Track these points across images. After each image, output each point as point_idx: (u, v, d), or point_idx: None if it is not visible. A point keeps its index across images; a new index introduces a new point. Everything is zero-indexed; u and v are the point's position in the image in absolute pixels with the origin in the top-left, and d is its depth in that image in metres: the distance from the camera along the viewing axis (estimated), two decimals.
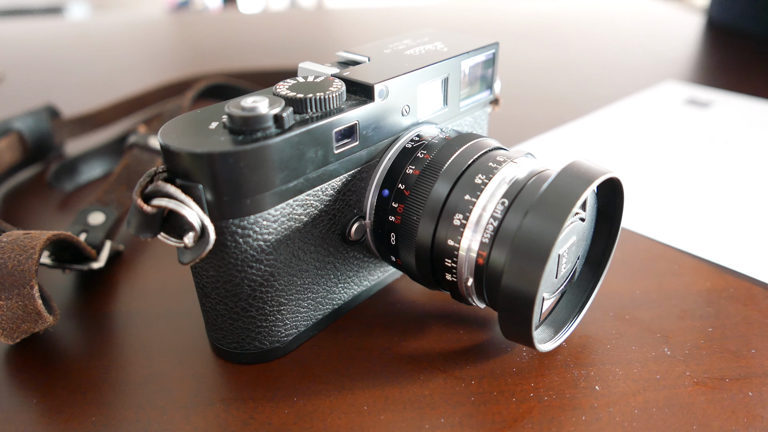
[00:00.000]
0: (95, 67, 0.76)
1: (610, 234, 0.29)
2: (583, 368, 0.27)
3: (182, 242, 0.23)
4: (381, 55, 0.29)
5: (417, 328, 0.30)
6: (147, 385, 0.27)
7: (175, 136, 0.23)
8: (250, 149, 0.22)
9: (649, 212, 0.40)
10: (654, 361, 0.28)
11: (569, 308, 0.29)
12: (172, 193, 0.22)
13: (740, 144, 0.49)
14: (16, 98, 0.63)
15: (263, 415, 0.25)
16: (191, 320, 0.30)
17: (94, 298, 0.33)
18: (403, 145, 0.28)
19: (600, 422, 0.25)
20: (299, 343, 0.29)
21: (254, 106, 0.23)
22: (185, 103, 0.51)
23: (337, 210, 0.27)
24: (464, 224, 0.25)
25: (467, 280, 0.26)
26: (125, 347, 0.29)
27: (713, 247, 0.36)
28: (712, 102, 0.58)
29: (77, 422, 0.25)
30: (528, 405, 0.25)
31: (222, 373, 0.27)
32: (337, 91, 0.25)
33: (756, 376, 0.27)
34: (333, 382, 0.27)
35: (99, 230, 0.35)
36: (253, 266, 0.25)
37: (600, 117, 0.55)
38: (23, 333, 0.27)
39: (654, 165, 0.46)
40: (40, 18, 1.63)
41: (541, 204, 0.23)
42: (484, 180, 0.26)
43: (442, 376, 0.27)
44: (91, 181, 0.46)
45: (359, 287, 0.31)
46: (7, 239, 0.27)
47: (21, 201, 0.44)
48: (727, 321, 0.30)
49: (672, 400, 0.26)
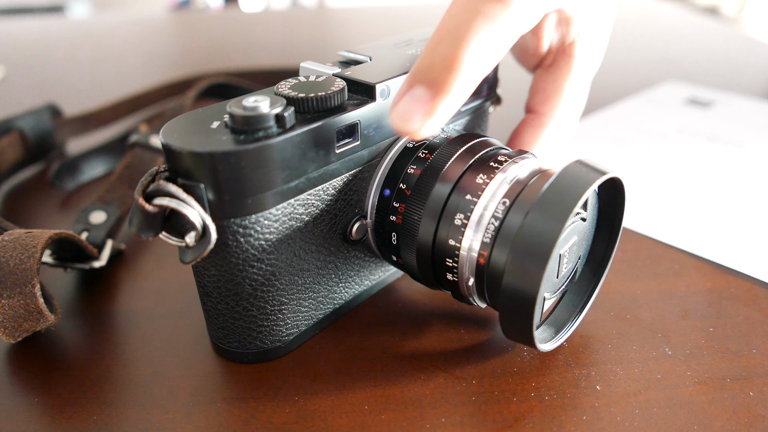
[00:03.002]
0: (97, 66, 0.76)
1: (611, 234, 0.29)
2: (584, 368, 0.27)
3: (184, 241, 0.23)
4: (382, 55, 0.29)
5: (418, 328, 0.30)
6: (148, 383, 0.27)
7: (177, 136, 0.23)
8: (251, 149, 0.22)
9: (651, 212, 0.40)
10: (655, 361, 0.28)
11: (570, 308, 0.29)
12: (173, 192, 0.22)
13: (742, 144, 0.49)
14: (17, 97, 0.63)
15: (264, 414, 0.25)
16: (193, 319, 0.31)
17: (95, 297, 0.33)
18: (405, 145, 0.28)
19: (601, 422, 0.25)
20: (300, 343, 0.29)
21: (256, 105, 0.23)
22: (187, 102, 0.51)
23: (339, 209, 0.27)
24: (465, 224, 0.25)
25: (468, 279, 0.26)
26: (126, 346, 0.29)
27: (714, 247, 0.36)
28: (714, 102, 0.58)
29: (79, 421, 0.25)
30: (529, 404, 0.25)
31: (223, 372, 0.28)
32: (338, 91, 0.25)
33: (757, 375, 0.27)
34: (334, 382, 0.27)
35: (100, 229, 0.35)
36: (254, 265, 0.25)
37: (601, 116, 0.55)
38: (25, 332, 0.27)
39: (655, 165, 0.46)
40: (42, 17, 1.63)
41: (543, 204, 0.23)
42: (486, 180, 0.26)
43: (443, 375, 0.27)
44: (92, 180, 0.46)
45: (360, 287, 0.31)
46: (8, 238, 0.27)
47: (23, 200, 0.44)
48: (729, 321, 0.30)
49: (673, 400, 0.26)
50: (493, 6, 0.23)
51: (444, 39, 0.23)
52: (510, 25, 0.24)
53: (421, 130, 0.23)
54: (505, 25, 0.23)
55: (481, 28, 0.23)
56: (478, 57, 0.23)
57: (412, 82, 0.23)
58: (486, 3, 0.23)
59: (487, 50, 0.23)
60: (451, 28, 0.23)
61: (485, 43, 0.23)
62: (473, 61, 0.23)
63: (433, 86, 0.23)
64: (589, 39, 0.32)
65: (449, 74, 0.23)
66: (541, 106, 0.33)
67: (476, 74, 0.23)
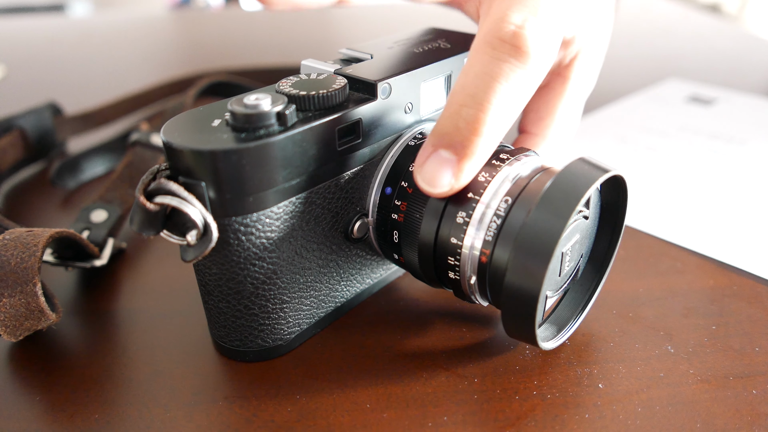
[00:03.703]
0: (97, 64, 0.76)
1: (613, 232, 0.28)
2: (587, 366, 0.27)
3: (185, 240, 0.23)
4: (384, 53, 0.29)
5: (420, 326, 0.30)
6: (150, 382, 0.27)
7: (178, 134, 0.23)
8: (253, 147, 0.22)
9: (653, 210, 0.40)
10: (657, 359, 0.28)
11: (572, 306, 0.29)
12: (174, 190, 0.22)
13: (744, 141, 0.49)
14: (18, 96, 0.63)
15: (266, 413, 0.25)
16: (194, 318, 0.30)
17: (96, 296, 0.33)
18: (406, 143, 0.28)
19: (603, 420, 0.25)
20: (302, 341, 0.29)
21: (257, 103, 0.23)
22: (188, 100, 0.51)
23: (340, 207, 0.27)
24: (467, 222, 0.25)
25: (470, 278, 0.26)
26: (128, 345, 0.29)
27: (717, 245, 0.36)
28: (716, 99, 0.58)
29: (80, 419, 0.25)
30: (531, 403, 0.25)
31: (225, 370, 0.28)
32: (339, 89, 0.25)
33: (760, 374, 0.27)
34: (336, 380, 0.27)
35: (102, 228, 0.35)
36: (255, 264, 0.25)
37: (603, 114, 0.55)
38: (26, 330, 0.27)
39: (657, 163, 0.46)
40: (43, 16, 1.63)
41: (545, 202, 0.23)
42: (488, 177, 0.25)
43: (445, 374, 0.27)
44: (93, 178, 0.46)
45: (362, 285, 0.31)
46: (10, 237, 0.27)
47: (24, 198, 0.44)
48: (731, 319, 0.30)
49: (675, 398, 0.25)
50: (512, 68, 0.24)
51: (467, 103, 0.24)
52: (529, 82, 0.24)
53: (448, 192, 0.24)
54: (525, 83, 0.24)
55: (503, 91, 0.24)
56: (501, 118, 0.24)
57: (437, 145, 0.24)
58: (505, 65, 0.24)
59: (510, 110, 0.24)
60: (473, 93, 0.24)
61: (507, 103, 0.24)
62: (496, 123, 0.24)
63: (459, 150, 0.24)
64: (585, 61, 0.32)
65: (474, 137, 0.24)
66: (534, 126, 0.33)
67: (500, 133, 0.24)
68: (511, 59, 0.24)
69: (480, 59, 0.24)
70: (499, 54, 0.24)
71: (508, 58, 0.24)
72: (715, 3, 2.11)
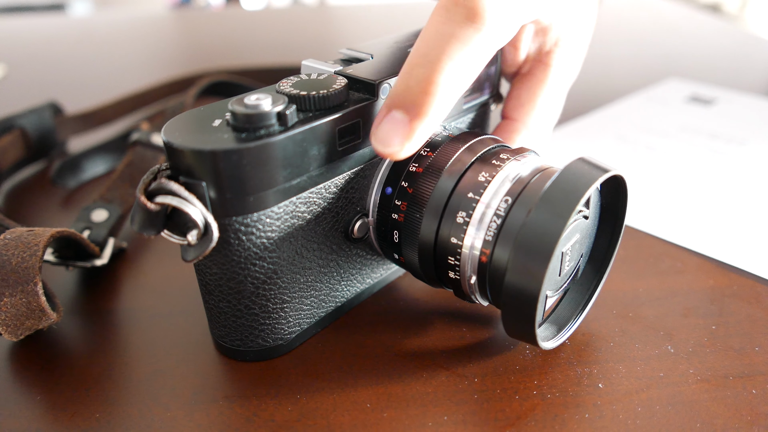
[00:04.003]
0: (98, 64, 0.76)
1: (613, 232, 0.29)
2: (587, 366, 0.27)
3: (185, 240, 0.23)
4: (384, 53, 0.29)
5: (420, 326, 0.30)
6: (150, 382, 0.27)
7: (179, 134, 0.23)
8: (253, 147, 0.22)
9: (653, 210, 0.40)
10: (657, 359, 0.28)
11: (572, 306, 0.29)
12: (175, 190, 0.22)
13: (744, 141, 0.49)
14: (19, 95, 0.63)
15: (266, 412, 0.25)
16: (194, 317, 0.31)
17: (97, 296, 0.33)
18: None
19: (603, 420, 0.25)
20: (302, 341, 0.29)
21: (257, 103, 0.23)
22: (188, 100, 0.51)
23: (340, 207, 0.27)
24: (467, 222, 0.25)
25: (470, 277, 0.26)
26: (128, 344, 0.29)
27: (717, 245, 0.36)
28: (716, 99, 0.58)
29: (81, 419, 0.25)
30: (531, 402, 0.25)
31: (225, 370, 0.28)
32: (340, 89, 0.25)
33: (760, 373, 0.27)
34: (336, 380, 0.27)
35: (102, 227, 0.35)
36: (256, 264, 0.25)
37: (602, 114, 0.55)
38: (27, 330, 0.27)
39: (657, 162, 0.46)
40: (43, 15, 1.63)
41: (545, 202, 0.23)
42: (488, 177, 0.26)
43: (445, 373, 0.27)
44: (94, 178, 0.46)
45: (362, 285, 0.31)
46: (10, 236, 0.27)
47: (24, 198, 0.44)
48: (731, 319, 0.30)
49: (675, 398, 0.25)
50: (465, 29, 0.24)
51: (419, 63, 0.24)
52: (483, 46, 0.24)
53: (401, 152, 0.24)
54: (478, 46, 0.24)
55: (455, 52, 0.24)
56: (453, 79, 0.24)
57: (391, 106, 0.24)
58: (458, 26, 0.24)
59: (462, 72, 0.24)
60: (426, 53, 0.24)
61: (459, 65, 0.24)
62: (448, 84, 0.24)
63: (410, 110, 0.24)
64: (567, 49, 0.32)
65: (425, 98, 0.23)
66: (515, 112, 0.34)
67: (452, 96, 0.24)
68: (465, 21, 0.24)
69: (434, 20, 0.24)
70: (453, 16, 0.24)
71: (461, 20, 0.24)
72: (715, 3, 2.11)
